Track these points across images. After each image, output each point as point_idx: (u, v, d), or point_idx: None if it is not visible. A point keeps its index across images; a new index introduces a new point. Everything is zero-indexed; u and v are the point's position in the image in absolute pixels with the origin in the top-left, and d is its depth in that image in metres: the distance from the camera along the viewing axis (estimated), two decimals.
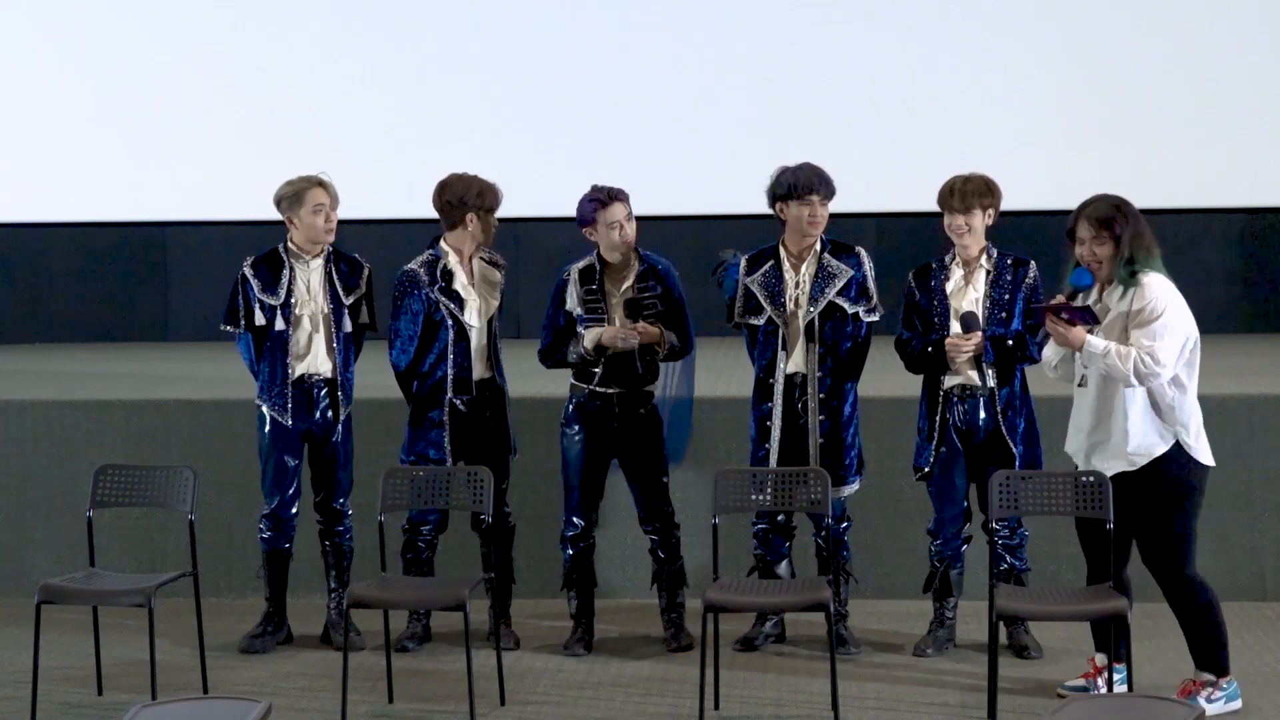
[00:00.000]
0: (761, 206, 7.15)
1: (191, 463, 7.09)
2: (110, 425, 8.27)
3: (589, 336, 7.04)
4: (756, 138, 10.92)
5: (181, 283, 11.86)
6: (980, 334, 6.81)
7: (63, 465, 8.25)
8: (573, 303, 7.14)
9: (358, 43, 11.61)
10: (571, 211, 7.17)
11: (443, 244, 7.22)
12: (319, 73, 11.58)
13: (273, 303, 7.16)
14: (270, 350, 7.18)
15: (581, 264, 7.19)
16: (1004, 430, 6.86)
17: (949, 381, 6.92)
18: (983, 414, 6.88)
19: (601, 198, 7.07)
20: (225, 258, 7.46)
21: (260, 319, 7.16)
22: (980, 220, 6.89)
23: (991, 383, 6.86)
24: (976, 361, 6.83)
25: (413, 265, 7.21)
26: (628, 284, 7.11)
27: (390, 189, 10.88)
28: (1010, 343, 6.83)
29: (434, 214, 7.27)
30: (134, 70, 11.66)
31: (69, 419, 8.31)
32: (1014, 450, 6.84)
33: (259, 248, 7.30)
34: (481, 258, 7.26)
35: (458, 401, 7.18)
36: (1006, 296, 6.90)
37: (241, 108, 11.59)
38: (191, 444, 8.19)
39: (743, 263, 7.12)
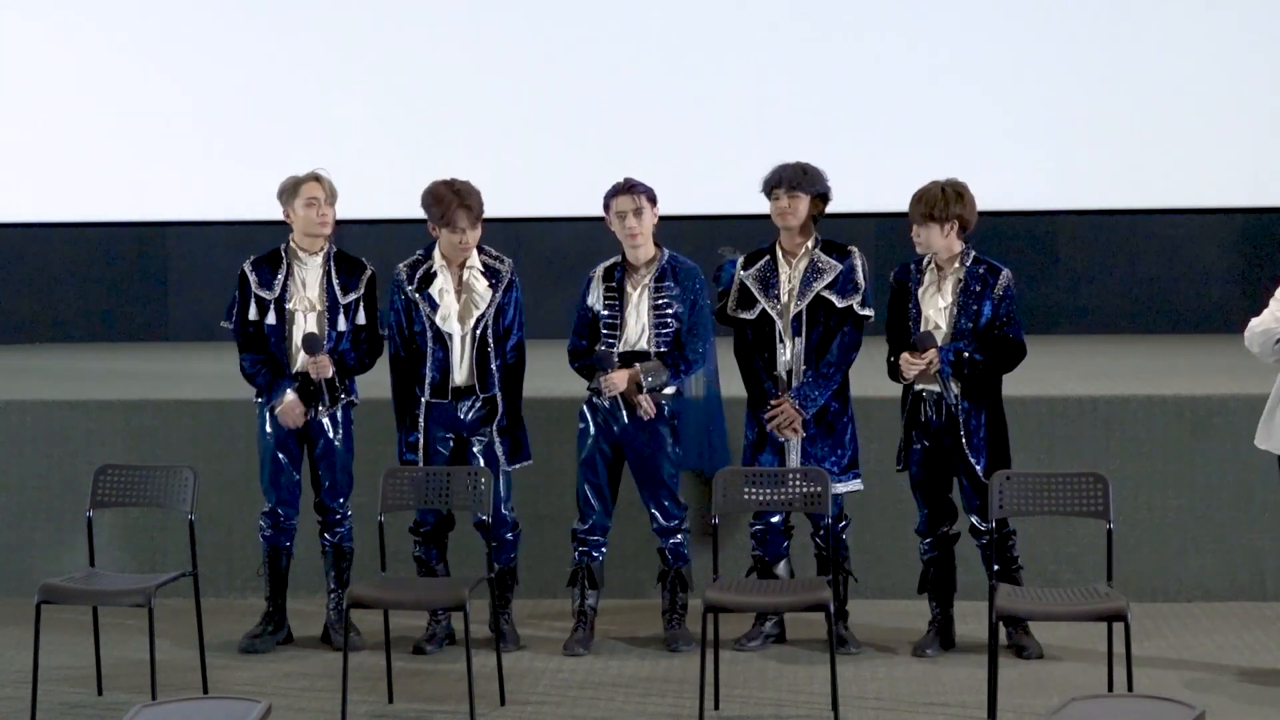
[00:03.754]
0: (761, 206, 7.18)
1: (191, 463, 7.08)
2: (110, 425, 8.27)
3: (606, 380, 7.01)
4: (757, 138, 10.91)
5: (181, 283, 11.86)
6: (933, 351, 6.80)
7: (63, 465, 8.25)
8: (594, 298, 7.16)
9: (359, 42, 11.61)
10: (571, 212, 7.18)
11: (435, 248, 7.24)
12: (321, 72, 11.58)
13: (269, 299, 7.17)
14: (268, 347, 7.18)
15: (608, 262, 7.22)
16: (961, 440, 6.87)
17: (918, 384, 6.94)
18: (945, 421, 6.90)
19: (618, 186, 7.11)
20: (225, 258, 7.47)
21: (255, 314, 7.18)
22: (936, 234, 6.86)
23: (956, 391, 6.86)
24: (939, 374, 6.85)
25: (402, 264, 7.24)
26: (644, 282, 7.12)
27: (391, 189, 10.86)
28: (969, 355, 6.80)
29: None
30: (133, 70, 11.66)
31: (69, 419, 8.31)
32: (970, 460, 6.86)
33: (259, 248, 7.32)
34: (481, 264, 7.22)
35: (434, 404, 7.16)
36: (974, 306, 6.89)
37: (242, 107, 11.59)
38: (191, 444, 8.19)
39: (740, 260, 7.15)
